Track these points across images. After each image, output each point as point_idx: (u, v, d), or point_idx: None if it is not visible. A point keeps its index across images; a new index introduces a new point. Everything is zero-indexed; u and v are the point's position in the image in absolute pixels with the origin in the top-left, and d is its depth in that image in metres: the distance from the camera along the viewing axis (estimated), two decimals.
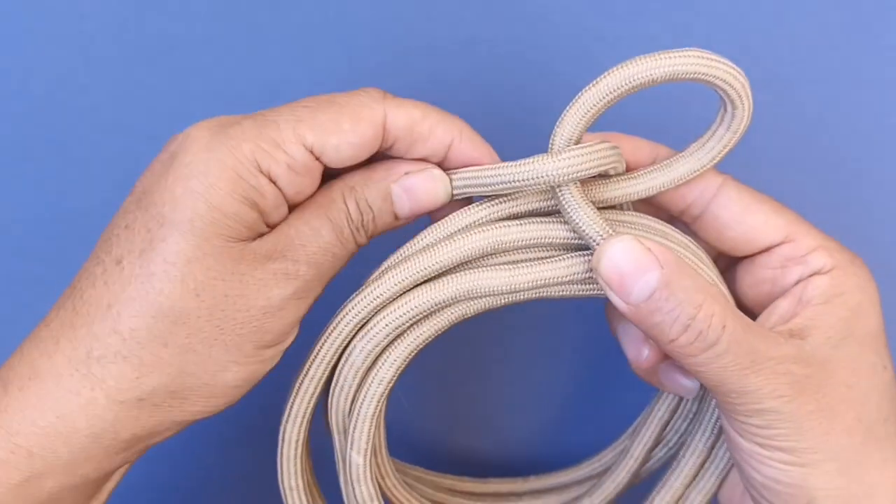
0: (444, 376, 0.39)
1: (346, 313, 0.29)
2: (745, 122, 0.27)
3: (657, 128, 0.31)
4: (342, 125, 0.27)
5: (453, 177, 0.29)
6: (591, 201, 0.28)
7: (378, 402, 0.30)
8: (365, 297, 0.29)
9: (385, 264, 0.29)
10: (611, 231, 0.28)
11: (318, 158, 0.27)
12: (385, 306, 0.29)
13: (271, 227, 0.27)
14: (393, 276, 0.28)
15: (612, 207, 0.30)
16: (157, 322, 0.26)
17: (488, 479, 0.38)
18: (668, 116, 0.33)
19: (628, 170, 0.30)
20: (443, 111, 0.29)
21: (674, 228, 0.30)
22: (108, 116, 0.37)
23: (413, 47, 0.36)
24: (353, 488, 0.31)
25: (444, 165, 0.29)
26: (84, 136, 0.37)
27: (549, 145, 0.28)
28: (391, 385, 0.30)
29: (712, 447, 0.32)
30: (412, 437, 0.41)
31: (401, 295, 0.28)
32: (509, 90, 0.36)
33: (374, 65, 0.36)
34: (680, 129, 0.30)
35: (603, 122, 0.29)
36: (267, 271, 0.27)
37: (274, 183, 0.27)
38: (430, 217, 0.30)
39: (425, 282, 0.28)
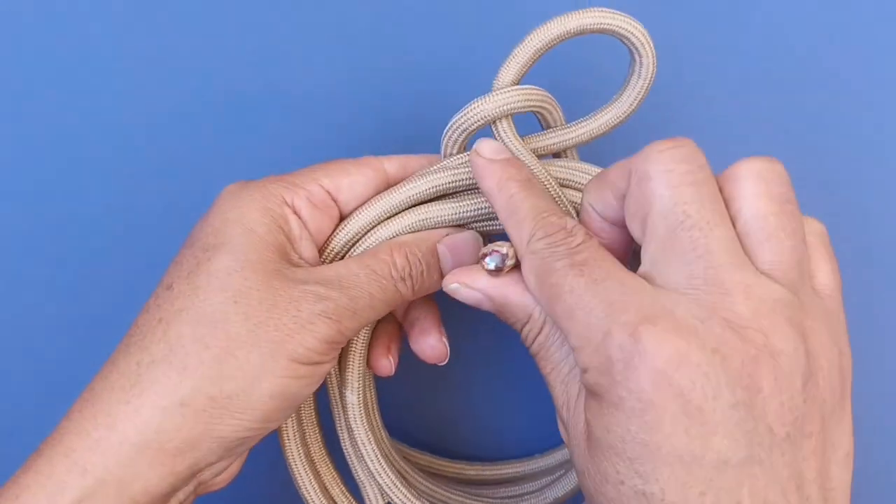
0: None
1: (327, 255, 0.32)
2: (651, 69, 0.31)
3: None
4: (349, 169, 0.33)
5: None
6: (532, 150, 0.32)
7: (363, 337, 0.33)
8: (339, 234, 0.32)
9: (355, 212, 0.32)
10: (535, 159, 0.32)
11: (335, 199, 0.32)
12: (355, 242, 0.32)
13: (302, 261, 0.31)
14: (361, 216, 0.32)
15: (557, 156, 0.34)
16: (199, 326, 0.28)
17: (457, 461, 0.39)
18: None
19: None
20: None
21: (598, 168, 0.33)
22: (108, 119, 0.39)
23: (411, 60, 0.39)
24: (352, 428, 0.33)
25: None
26: (84, 138, 0.39)
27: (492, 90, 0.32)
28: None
29: None
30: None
31: (368, 230, 0.32)
32: None
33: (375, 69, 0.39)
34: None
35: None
36: (298, 290, 0.29)
37: (297, 214, 0.31)
38: None
39: (388, 218, 0.32)
